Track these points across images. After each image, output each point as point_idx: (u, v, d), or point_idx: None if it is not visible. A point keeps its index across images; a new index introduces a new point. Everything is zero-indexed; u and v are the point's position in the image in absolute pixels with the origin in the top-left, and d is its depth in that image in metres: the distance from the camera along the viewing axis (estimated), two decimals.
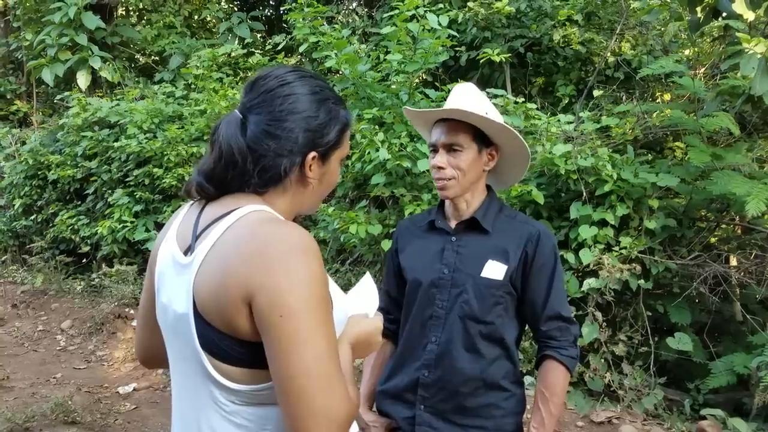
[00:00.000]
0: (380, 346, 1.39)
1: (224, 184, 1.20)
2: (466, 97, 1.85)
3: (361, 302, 1.42)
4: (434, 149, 1.85)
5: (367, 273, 1.51)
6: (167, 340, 1.25)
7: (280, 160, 1.19)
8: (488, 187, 1.94)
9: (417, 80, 5.56)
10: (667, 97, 5.96)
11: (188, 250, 1.17)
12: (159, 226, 6.50)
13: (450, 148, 1.81)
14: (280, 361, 1.05)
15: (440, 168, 1.81)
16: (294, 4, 5.71)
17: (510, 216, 1.90)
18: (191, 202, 1.28)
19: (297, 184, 1.24)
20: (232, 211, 1.15)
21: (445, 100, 4.96)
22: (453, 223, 1.90)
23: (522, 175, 2.06)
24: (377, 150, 4.49)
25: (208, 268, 1.12)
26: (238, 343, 1.11)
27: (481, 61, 5.65)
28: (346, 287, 5.35)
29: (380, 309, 2.06)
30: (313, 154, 1.22)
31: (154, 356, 1.40)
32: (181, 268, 1.17)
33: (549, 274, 1.83)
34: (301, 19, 5.36)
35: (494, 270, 1.80)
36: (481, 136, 1.83)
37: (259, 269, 1.06)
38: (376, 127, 4.81)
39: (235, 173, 1.18)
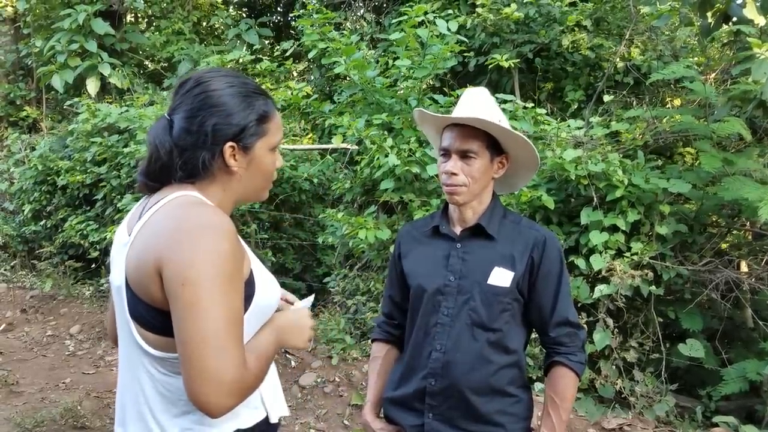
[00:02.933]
0: (311, 330, 1.49)
1: (157, 178, 1.35)
2: (480, 104, 1.83)
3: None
4: (445, 154, 1.83)
5: (311, 297, 1.64)
6: (115, 312, 1.39)
7: (199, 152, 1.31)
8: (492, 193, 1.92)
9: (425, 86, 5.56)
10: (677, 102, 5.94)
11: (131, 233, 1.32)
12: None
13: (464, 155, 1.79)
14: (179, 326, 1.16)
15: (453, 174, 1.79)
16: (302, 11, 5.73)
17: (514, 222, 1.89)
18: (145, 195, 1.42)
19: (222, 173, 1.35)
20: (165, 197, 1.30)
21: (454, 105, 4.93)
22: (458, 229, 1.88)
23: (527, 182, 2.06)
24: (386, 156, 4.49)
25: (135, 244, 1.28)
26: (157, 312, 1.24)
27: (490, 67, 5.65)
28: (353, 293, 5.27)
29: (384, 314, 2.07)
30: (230, 144, 1.32)
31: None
32: (122, 247, 1.33)
33: (556, 280, 1.82)
34: (309, 26, 5.37)
35: (501, 277, 1.79)
36: (493, 143, 1.82)
37: (169, 243, 1.20)
38: (385, 132, 4.81)
39: (162, 168, 1.33)
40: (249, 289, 1.30)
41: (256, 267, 1.37)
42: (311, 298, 1.61)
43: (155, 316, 1.24)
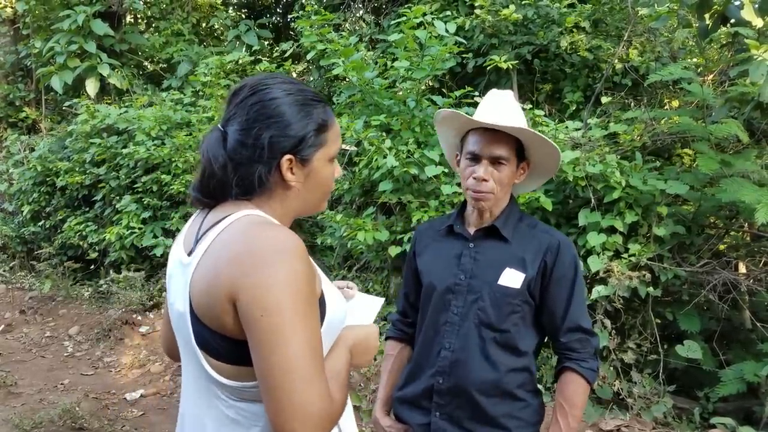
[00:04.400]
0: (376, 350, 1.41)
1: (211, 195, 1.26)
2: (510, 109, 1.82)
3: (358, 314, 1.45)
4: (473, 158, 1.81)
5: (381, 299, 1.53)
6: (176, 336, 1.32)
7: (255, 167, 1.22)
8: (509, 196, 1.92)
9: (424, 87, 5.56)
10: (675, 103, 5.94)
11: (191, 252, 1.24)
12: (167, 233, 6.53)
13: (495, 161, 1.78)
14: (261, 357, 1.09)
15: (483, 180, 1.78)
16: (301, 12, 5.73)
17: (530, 225, 1.89)
18: (199, 209, 1.34)
19: (280, 188, 1.26)
20: (228, 215, 1.22)
21: (453, 107, 4.92)
22: (472, 230, 1.89)
23: (538, 186, 2.06)
24: (385, 157, 4.49)
25: (201, 269, 1.18)
26: (228, 341, 1.16)
27: (488, 68, 5.65)
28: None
29: (399, 312, 2.08)
30: (287, 157, 1.24)
31: (176, 349, 1.44)
32: (183, 268, 1.24)
33: (569, 286, 1.81)
34: (308, 27, 5.38)
35: (511, 278, 1.78)
36: (519, 149, 1.81)
37: (243, 269, 1.11)
38: (384, 134, 4.81)
39: (216, 184, 1.24)
40: (321, 308, 1.23)
41: (325, 282, 1.29)
42: (381, 300, 1.50)
43: (226, 346, 1.16)
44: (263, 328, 1.08)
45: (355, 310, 1.46)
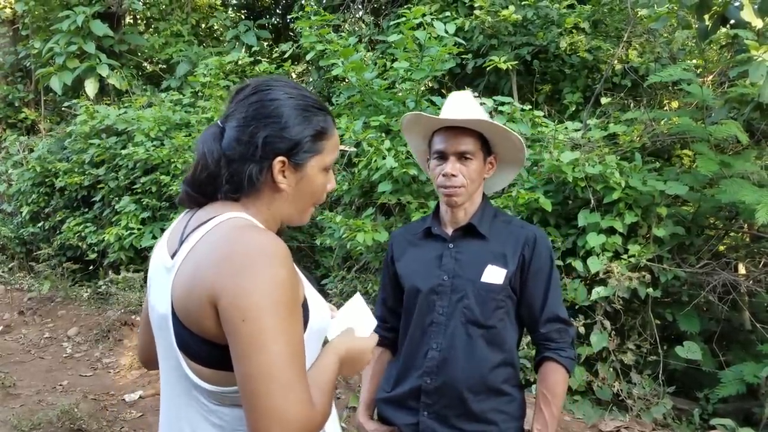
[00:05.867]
0: (368, 363, 1.41)
1: (201, 190, 1.25)
2: (470, 106, 1.87)
3: (353, 322, 1.41)
4: (440, 156, 1.85)
5: (357, 294, 1.50)
6: (156, 340, 1.30)
7: (248, 165, 1.22)
8: (482, 194, 1.96)
9: (423, 87, 5.56)
10: (674, 104, 5.94)
11: (174, 254, 1.22)
12: None
13: (462, 156, 1.82)
14: (241, 362, 1.07)
15: (452, 176, 1.81)
16: (301, 13, 5.73)
17: (505, 221, 1.93)
18: (186, 210, 1.33)
19: (269, 190, 1.25)
20: (213, 217, 1.20)
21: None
22: (450, 230, 1.92)
23: (508, 182, 2.10)
24: (384, 158, 4.49)
25: (183, 271, 1.17)
26: (209, 345, 1.15)
27: (488, 69, 5.64)
28: (351, 294, 5.30)
29: (377, 317, 2.08)
30: (280, 158, 1.23)
31: (152, 357, 1.43)
32: (166, 271, 1.22)
33: (546, 277, 1.85)
34: (307, 27, 5.37)
35: (494, 275, 1.82)
36: (484, 144, 1.85)
37: (224, 273, 1.10)
38: (383, 134, 4.80)
39: (206, 179, 1.24)
40: (304, 314, 1.21)
41: (308, 289, 1.29)
42: (358, 297, 1.46)
43: (207, 350, 1.15)
44: (243, 332, 1.06)
45: (352, 318, 1.43)
